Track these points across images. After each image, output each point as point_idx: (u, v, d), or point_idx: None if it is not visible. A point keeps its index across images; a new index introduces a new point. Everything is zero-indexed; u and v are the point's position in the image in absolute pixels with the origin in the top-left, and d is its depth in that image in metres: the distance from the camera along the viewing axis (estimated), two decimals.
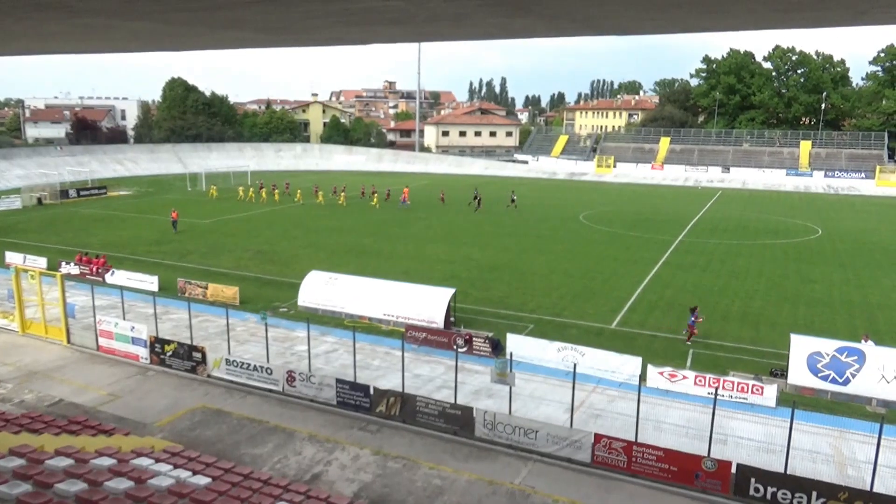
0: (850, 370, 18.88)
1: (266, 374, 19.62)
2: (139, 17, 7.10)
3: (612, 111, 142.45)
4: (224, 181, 75.01)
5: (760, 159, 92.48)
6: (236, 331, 23.60)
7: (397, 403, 17.76)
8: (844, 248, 40.89)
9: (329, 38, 9.25)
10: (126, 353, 22.04)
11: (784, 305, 28.51)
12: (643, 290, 30.65)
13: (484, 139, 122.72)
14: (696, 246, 41.38)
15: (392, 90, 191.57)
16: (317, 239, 42.83)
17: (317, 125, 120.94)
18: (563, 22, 6.86)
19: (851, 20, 6.68)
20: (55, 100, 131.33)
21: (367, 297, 25.98)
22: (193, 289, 28.76)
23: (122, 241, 41.49)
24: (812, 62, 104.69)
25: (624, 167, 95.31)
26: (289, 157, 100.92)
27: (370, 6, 6.09)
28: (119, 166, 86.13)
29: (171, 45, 10.47)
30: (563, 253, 39.00)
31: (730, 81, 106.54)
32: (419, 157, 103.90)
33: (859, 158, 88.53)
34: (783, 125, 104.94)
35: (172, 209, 45.93)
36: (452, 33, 8.64)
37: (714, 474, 14.41)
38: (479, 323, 25.41)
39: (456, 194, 62.23)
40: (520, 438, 16.23)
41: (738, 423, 17.34)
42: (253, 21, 7.12)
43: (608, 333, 24.79)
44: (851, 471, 15.35)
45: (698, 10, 6.16)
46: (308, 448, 16.15)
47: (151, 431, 16.52)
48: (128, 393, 19.62)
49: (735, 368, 20.62)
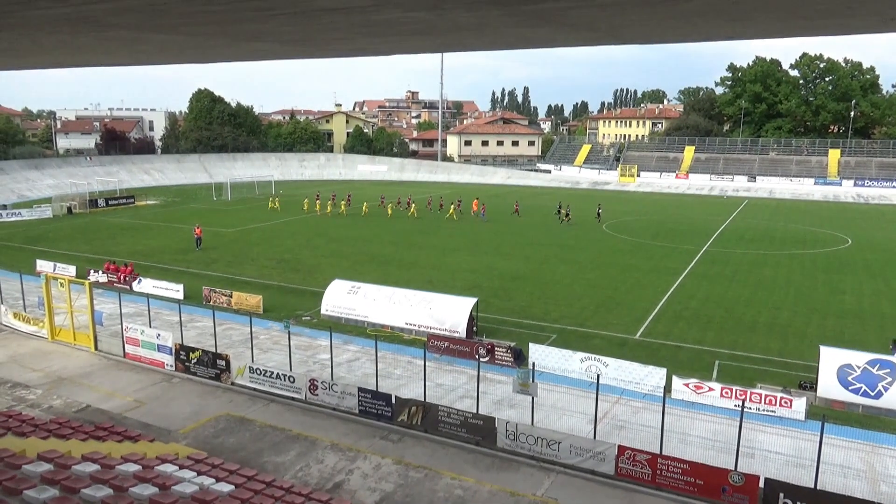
0: (882, 383, 18.43)
1: (289, 382, 19.72)
2: (166, 31, 7.23)
3: (635, 120, 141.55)
4: (249, 191, 75.92)
5: (788, 168, 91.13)
6: (260, 339, 23.78)
7: (419, 413, 17.73)
8: (875, 259, 40.03)
9: (351, 50, 9.32)
10: (152, 360, 22.32)
11: (813, 316, 27.96)
12: (667, 301, 30.29)
13: (506, 148, 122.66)
14: (721, 256, 40.82)
15: (414, 100, 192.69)
16: (339, 248, 43.08)
17: (340, 135, 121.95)
18: (585, 31, 6.84)
19: (880, 27, 6.56)
20: (85, 111, 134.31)
21: (389, 306, 26.03)
22: (218, 297, 29.08)
23: (148, 249, 42.14)
24: (840, 70, 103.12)
25: (647, 176, 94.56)
26: (312, 167, 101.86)
27: (392, 18, 6.13)
28: (146, 176, 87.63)
29: (196, 58, 10.64)
30: (586, 262, 38.74)
31: (756, 90, 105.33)
32: (441, 167, 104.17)
33: (890, 167, 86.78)
34: (811, 133, 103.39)
35: (196, 224, 43.73)
36: (474, 43, 8.65)
37: (741, 489, 14.14)
38: (502, 333, 25.30)
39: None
40: (542, 449, 16.09)
41: (766, 437, 17.01)
42: (276, 33, 7.21)
43: (632, 344, 24.52)
44: (884, 487, 14.96)
45: (722, 19, 6.09)
46: (330, 456, 16.18)
47: (176, 438, 16.68)
48: (153, 400, 19.86)
49: (763, 380, 20.24)
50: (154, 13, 6.02)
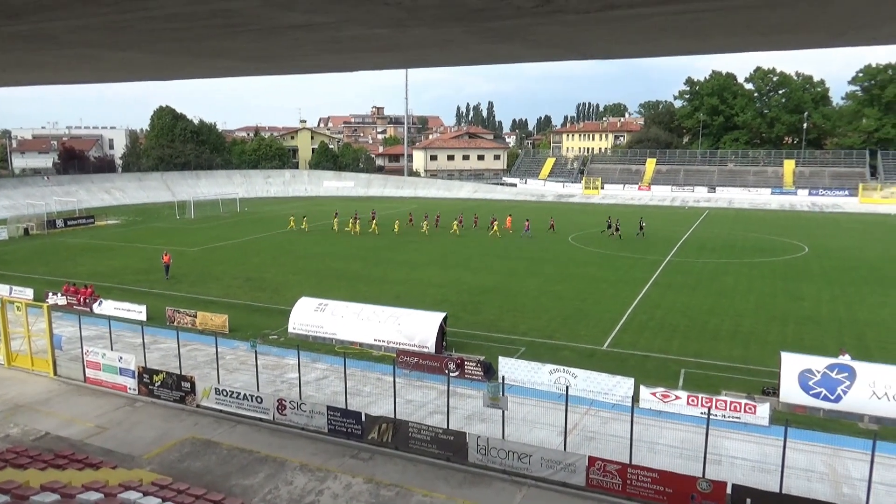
0: (841, 387, 18.91)
1: (256, 402, 19.39)
2: (126, 48, 7.13)
3: (598, 133, 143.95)
4: (213, 209, 74.92)
5: (746, 178, 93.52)
6: (226, 359, 23.37)
7: (389, 430, 17.58)
8: (831, 266, 41.23)
9: (316, 66, 9.31)
10: (114, 384, 21.74)
11: (773, 323, 28.61)
12: (634, 311, 30.69)
13: (472, 163, 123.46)
14: (684, 266, 41.59)
15: (380, 116, 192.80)
16: (306, 265, 42.70)
17: (305, 151, 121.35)
18: (547, 47, 6.95)
19: (829, 42, 6.82)
20: (42, 130, 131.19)
21: (357, 323, 25.84)
22: (182, 317, 28.52)
23: (110, 270, 41.17)
24: (793, 83, 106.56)
25: (611, 188, 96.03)
26: (278, 184, 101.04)
27: (356, 34, 6.15)
28: (107, 195, 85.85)
29: (158, 75, 10.50)
30: (553, 275, 39.06)
31: (713, 103, 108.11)
32: (408, 182, 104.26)
33: (842, 176, 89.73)
34: (767, 145, 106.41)
35: (165, 252, 40.74)
36: (439, 59, 8.72)
37: (710, 495, 14.31)
38: (471, 347, 25.30)
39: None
40: (514, 463, 16.08)
41: (732, 443, 17.29)
42: (240, 50, 7.17)
43: (600, 355, 24.75)
44: (846, 489, 15.30)
45: (680, 34, 6.26)
46: (299, 477, 15.92)
47: (140, 464, 16.23)
48: (115, 425, 19.31)
49: (727, 387, 20.60)
50: (113, 30, 5.94)
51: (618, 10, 4.95)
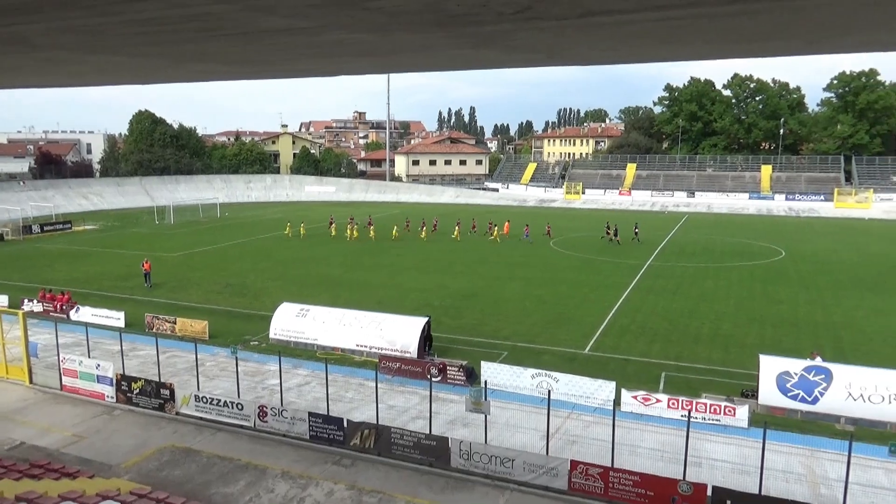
0: (818, 389, 19.17)
1: (237, 409, 19.20)
2: (104, 52, 7.06)
3: (579, 139, 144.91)
4: (192, 214, 74.24)
5: (724, 183, 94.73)
6: (206, 366, 23.12)
7: (372, 436, 17.50)
8: (807, 269, 41.83)
9: (296, 71, 9.29)
10: (91, 392, 21.41)
11: (752, 326, 28.96)
12: (615, 315, 30.89)
13: (454, 168, 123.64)
14: (664, 270, 41.96)
15: (362, 121, 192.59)
16: (287, 270, 42.44)
17: (287, 156, 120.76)
18: (527, 53, 7.00)
19: (803, 49, 6.93)
20: (18, 134, 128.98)
21: (339, 329, 25.72)
22: (161, 324, 28.19)
23: (87, 276, 40.59)
24: (769, 89, 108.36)
25: (592, 193, 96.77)
26: (259, 189, 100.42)
27: (336, 39, 6.14)
28: (84, 200, 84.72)
29: (136, 79, 10.41)
30: (534, 279, 39.20)
31: (691, 109, 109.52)
32: (390, 187, 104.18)
33: (818, 181, 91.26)
34: (744, 150, 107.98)
35: (145, 259, 39.20)
36: (419, 64, 8.74)
37: (690, 498, 14.42)
38: (453, 351, 25.30)
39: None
40: (496, 467, 16.08)
41: (712, 445, 17.44)
42: (219, 54, 7.13)
43: (581, 359, 24.87)
44: (824, 489, 15.49)
45: (658, 41, 6.34)
46: (281, 485, 15.78)
47: (118, 473, 15.99)
48: (93, 433, 19.01)
49: (707, 390, 20.79)
50: (91, 34, 5.88)
51: (597, 16, 5.00)
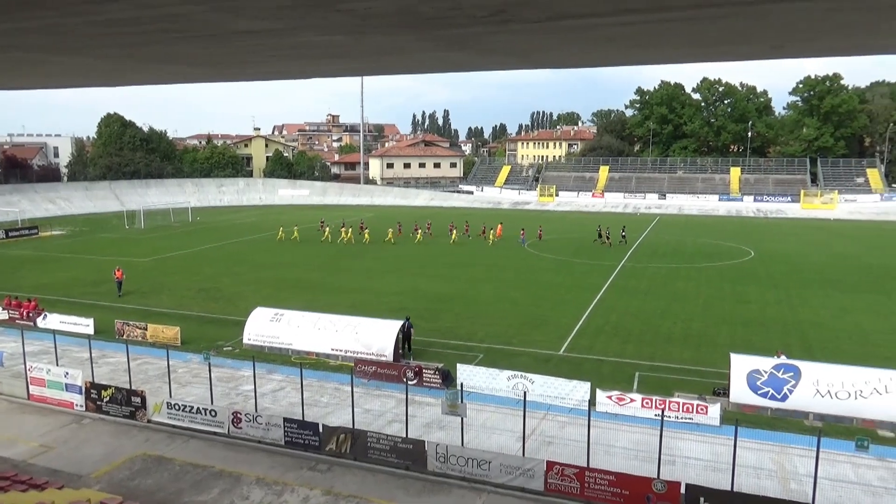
0: (787, 386, 19.54)
1: (210, 416, 18.94)
2: (71, 53, 6.94)
3: (552, 142, 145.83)
4: (164, 218, 73.17)
5: (694, 185, 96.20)
6: (178, 372, 22.79)
7: (348, 440, 17.40)
8: (776, 270, 42.63)
9: (269, 73, 9.22)
10: (60, 400, 20.95)
11: (723, 326, 29.42)
12: (589, 316, 31.15)
13: (428, 170, 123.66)
14: (637, 271, 42.44)
15: (335, 123, 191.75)
16: (261, 274, 42.02)
17: (259, 160, 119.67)
18: (500, 55, 7.04)
19: (769, 53, 7.09)
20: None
21: (314, 333, 25.53)
22: (132, 330, 27.71)
23: (55, 282, 39.73)
24: (737, 93, 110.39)
25: (566, 195, 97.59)
26: (231, 193, 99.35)
27: (309, 41, 6.12)
28: (52, 205, 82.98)
29: (105, 81, 10.25)
30: (509, 281, 39.36)
31: (662, 112, 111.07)
32: (364, 190, 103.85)
33: (785, 183, 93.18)
34: (714, 153, 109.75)
35: (117, 267, 37.80)
36: (393, 67, 8.74)
37: (664, 496, 14.59)
38: (429, 354, 25.27)
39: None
40: (473, 470, 16.10)
41: (686, 444, 17.67)
42: (188, 56, 7.05)
43: (557, 360, 25.02)
44: (794, 485, 15.80)
45: (628, 45, 6.43)
46: (256, 492, 15.61)
47: (88, 483, 15.65)
48: (62, 443, 18.61)
49: (680, 389, 21.06)
50: (57, 35, 5.77)
51: (567, 20, 5.06)
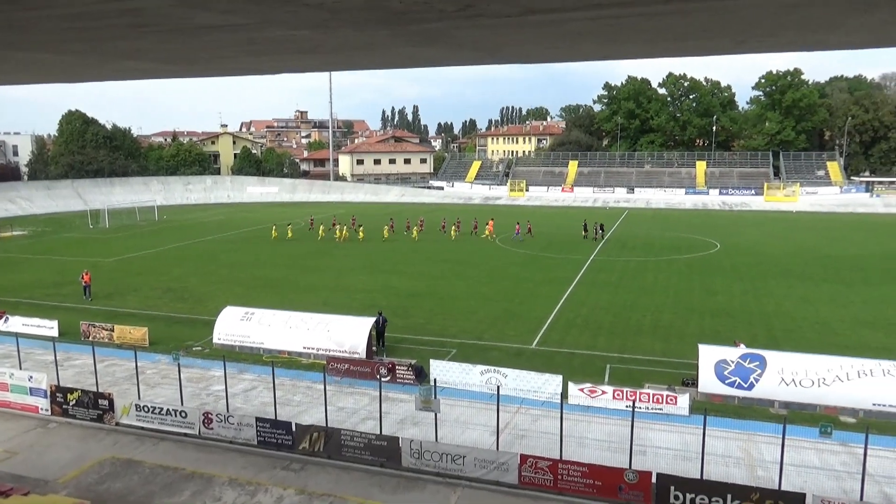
0: (753, 375, 19.98)
1: (180, 417, 18.67)
2: (31, 48, 6.76)
3: (521, 137, 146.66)
4: (129, 217, 71.75)
5: (662, 179, 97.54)
6: (146, 374, 22.40)
7: (321, 439, 17.31)
8: (741, 261, 43.51)
9: (237, 69, 9.10)
10: (24, 405, 20.45)
11: (691, 317, 29.94)
12: (560, 309, 31.43)
13: (399, 167, 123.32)
14: (607, 264, 42.93)
15: (304, 120, 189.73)
16: (230, 274, 41.50)
17: (227, 157, 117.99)
18: (470, 50, 7.05)
19: (733, 48, 7.23)
20: None
21: (286, 331, 25.32)
22: (98, 332, 27.15)
23: (16, 284, 38.70)
24: (702, 88, 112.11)
25: (536, 190, 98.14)
26: (198, 191, 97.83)
27: (277, 36, 6.05)
28: (11, 205, 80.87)
29: (66, 77, 10.00)
30: (481, 277, 39.50)
31: (629, 107, 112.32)
32: (334, 186, 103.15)
33: (749, 176, 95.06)
34: (680, 147, 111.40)
35: (85, 270, 36.14)
36: (362, 62, 8.69)
37: (636, 486, 14.82)
38: (402, 350, 25.26)
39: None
40: (447, 465, 16.15)
41: (656, 434, 17.96)
42: (152, 51, 6.92)
43: (529, 354, 25.20)
44: (761, 471, 16.17)
45: (597, 39, 6.49)
46: (228, 493, 15.44)
47: (54, 489, 15.34)
48: (26, 448, 18.17)
49: (650, 380, 21.39)
50: (15, 29, 5.62)
51: (537, 14, 5.09)
